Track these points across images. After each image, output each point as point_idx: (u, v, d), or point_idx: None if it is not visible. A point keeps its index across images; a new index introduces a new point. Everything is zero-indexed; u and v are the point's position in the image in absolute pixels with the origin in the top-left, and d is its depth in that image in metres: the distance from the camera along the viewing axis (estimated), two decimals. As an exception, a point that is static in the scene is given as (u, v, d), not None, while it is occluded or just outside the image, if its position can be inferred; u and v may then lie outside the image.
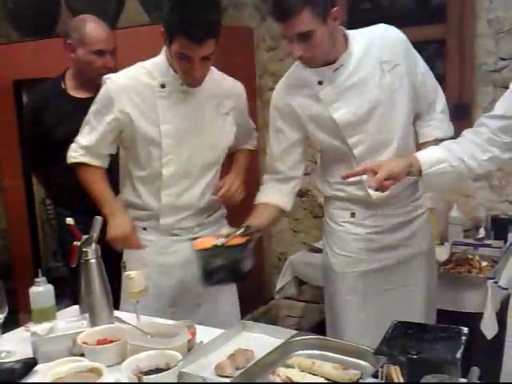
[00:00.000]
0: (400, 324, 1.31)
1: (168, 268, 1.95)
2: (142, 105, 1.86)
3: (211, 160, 1.96)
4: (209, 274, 1.68)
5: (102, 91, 1.91)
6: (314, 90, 1.78)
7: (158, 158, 1.88)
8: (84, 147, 1.93)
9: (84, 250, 1.67)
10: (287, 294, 2.61)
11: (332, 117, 1.76)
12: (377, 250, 1.85)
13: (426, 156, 1.61)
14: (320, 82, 1.76)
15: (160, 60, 1.86)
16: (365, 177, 1.61)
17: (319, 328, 3.03)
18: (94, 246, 1.68)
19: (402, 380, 1.05)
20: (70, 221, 1.70)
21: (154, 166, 1.90)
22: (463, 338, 1.23)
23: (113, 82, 1.88)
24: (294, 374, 1.26)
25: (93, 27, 2.34)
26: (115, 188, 2.02)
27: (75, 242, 1.69)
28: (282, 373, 1.27)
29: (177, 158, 1.88)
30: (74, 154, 1.95)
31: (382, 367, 1.08)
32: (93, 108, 1.93)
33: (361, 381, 1.11)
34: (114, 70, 2.09)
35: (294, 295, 2.72)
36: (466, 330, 1.25)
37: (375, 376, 1.11)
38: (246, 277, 1.73)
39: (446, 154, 1.60)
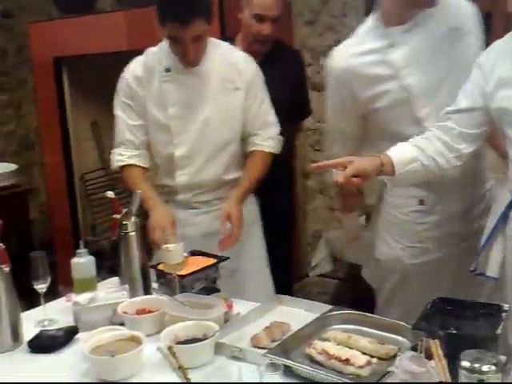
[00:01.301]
0: (439, 300, 1.30)
1: (188, 240, 1.93)
2: (152, 90, 1.91)
3: (224, 137, 1.93)
4: None
5: (121, 83, 1.98)
6: (383, 55, 1.69)
7: (169, 141, 1.92)
8: (124, 144, 1.98)
9: (124, 223, 1.71)
10: (322, 271, 2.61)
11: (403, 84, 1.67)
12: (448, 236, 1.79)
13: (398, 156, 1.56)
14: (391, 45, 1.67)
15: (164, 44, 1.89)
16: (335, 170, 1.55)
17: (352, 306, 3.03)
18: (133, 219, 1.71)
19: (441, 354, 1.04)
20: (110, 194, 1.73)
21: (165, 150, 1.95)
22: (503, 314, 1.21)
23: (129, 71, 1.96)
24: (330, 347, 1.26)
25: None
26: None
27: (115, 216, 1.73)
28: (319, 346, 1.28)
29: (187, 138, 1.91)
30: (119, 158, 2.00)
31: (421, 341, 1.07)
32: (116, 102, 2.00)
33: (399, 355, 1.10)
34: (271, 38, 2.11)
35: (329, 272, 2.71)
36: (506, 306, 1.22)
37: (414, 350, 1.10)
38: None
39: (417, 153, 1.57)
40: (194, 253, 1.80)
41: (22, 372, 1.38)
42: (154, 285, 1.77)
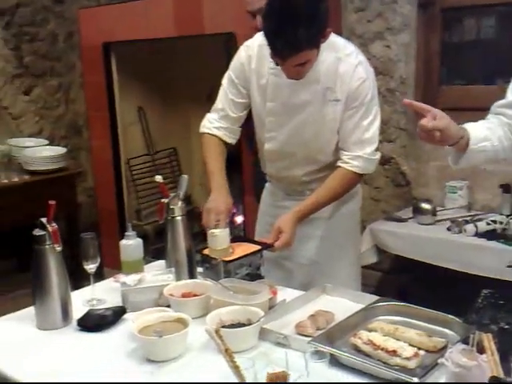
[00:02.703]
0: (490, 294, 1.26)
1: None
2: (259, 75, 1.84)
3: (315, 146, 1.85)
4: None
5: (235, 56, 1.91)
6: None
7: (262, 129, 1.90)
8: (220, 115, 1.93)
9: (171, 207, 1.73)
10: (365, 263, 2.57)
11: None
12: None
13: (474, 131, 1.52)
14: None
15: None
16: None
17: (396, 297, 2.99)
18: (180, 203, 1.73)
19: (494, 348, 1.02)
20: (158, 178, 1.75)
21: (260, 138, 1.94)
22: (561, 312, 1.17)
23: (245, 47, 1.88)
24: (377, 338, 1.25)
25: None
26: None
27: (163, 200, 1.75)
28: (364, 336, 1.27)
29: (278, 136, 1.87)
30: (208, 125, 1.95)
31: (473, 334, 1.05)
32: (227, 73, 1.93)
33: (450, 347, 1.08)
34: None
35: (372, 264, 2.68)
36: None
37: (465, 343, 1.08)
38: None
39: (489, 133, 1.53)
40: (239, 239, 1.81)
41: (70, 349, 1.43)
42: (199, 269, 1.79)
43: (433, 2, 2.95)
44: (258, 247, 1.74)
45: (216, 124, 1.94)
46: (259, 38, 1.82)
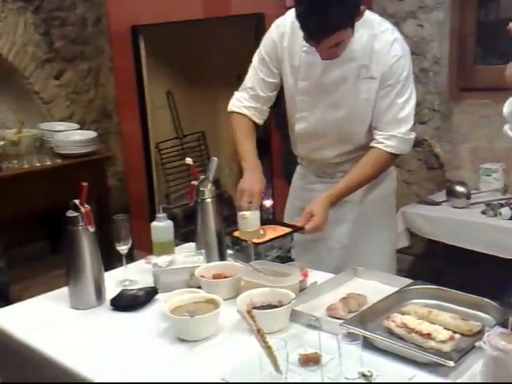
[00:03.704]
0: (529, 278, 1.23)
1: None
2: (292, 54, 1.81)
3: (349, 127, 1.81)
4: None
5: (267, 34, 1.88)
6: None
7: (294, 109, 1.88)
8: (249, 93, 1.91)
9: (201, 189, 1.73)
10: (397, 246, 2.54)
11: None
12: None
13: None
14: None
15: None
16: None
17: (429, 282, 2.96)
18: (210, 186, 1.73)
19: (533, 333, 0.99)
20: (189, 161, 1.75)
21: (291, 118, 1.91)
22: None
23: (277, 25, 1.85)
24: (411, 321, 1.23)
25: None
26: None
27: (193, 182, 1.75)
28: (398, 319, 1.25)
29: (310, 116, 1.84)
30: (237, 104, 1.93)
31: (511, 316, 1.02)
32: (257, 51, 1.91)
33: (487, 330, 1.06)
34: None
35: (404, 248, 2.64)
36: None
37: (503, 326, 1.05)
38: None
39: None
40: (270, 222, 1.80)
41: (104, 329, 1.45)
42: (229, 252, 1.79)
43: (468, -21, 2.86)
44: (289, 230, 1.73)
45: (245, 103, 1.92)
46: (291, 15, 1.78)
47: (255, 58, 1.92)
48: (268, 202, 3.64)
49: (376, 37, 1.73)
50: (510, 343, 1.00)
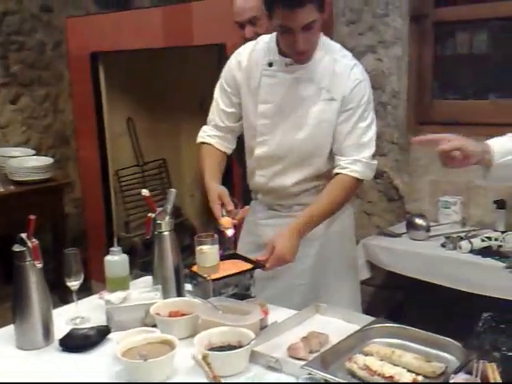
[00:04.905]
0: (491, 317, 1.22)
1: (263, 240, 1.89)
2: (251, 80, 1.83)
3: (309, 149, 1.79)
4: None
5: (226, 66, 1.91)
6: None
7: (253, 136, 1.86)
8: (211, 125, 1.94)
9: (158, 222, 1.67)
10: (359, 278, 2.53)
11: None
12: None
13: (498, 146, 1.49)
14: None
15: (273, 37, 1.81)
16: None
17: (389, 314, 2.95)
18: (167, 218, 1.67)
19: (498, 379, 0.96)
20: (145, 192, 1.70)
21: (250, 144, 1.89)
22: None
23: (235, 55, 1.89)
24: (373, 363, 1.20)
25: None
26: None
27: (150, 214, 1.69)
28: (360, 360, 1.21)
29: (271, 139, 1.82)
30: (202, 134, 1.96)
31: (476, 363, 0.99)
32: (218, 82, 1.93)
33: (452, 376, 1.03)
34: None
35: (365, 280, 2.63)
36: None
37: (468, 372, 1.02)
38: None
39: None
40: (231, 256, 1.75)
41: (52, 371, 1.36)
42: (188, 286, 1.73)
43: (425, 16, 2.93)
44: (249, 266, 1.68)
45: (209, 133, 1.94)
46: (250, 45, 1.85)
47: (216, 89, 1.94)
48: (230, 232, 3.61)
49: (336, 61, 1.76)
50: (474, 388, 0.98)
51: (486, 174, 1.52)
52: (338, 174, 1.77)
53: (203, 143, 1.95)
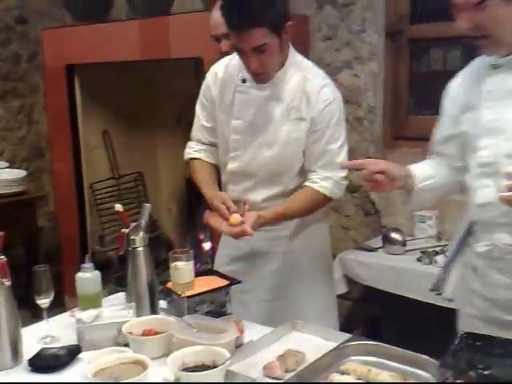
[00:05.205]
0: (467, 335, 1.21)
1: (232, 256, 1.93)
2: (225, 96, 1.84)
3: (278, 167, 1.80)
4: None
5: (204, 80, 1.92)
6: None
7: (227, 150, 1.86)
8: (195, 140, 1.97)
9: (132, 237, 1.64)
10: (335, 293, 2.52)
11: None
12: None
13: (419, 170, 1.57)
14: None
15: None
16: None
17: (366, 327, 2.95)
18: (141, 233, 1.64)
19: (474, 399, 0.96)
20: (118, 207, 1.67)
21: (223, 159, 1.89)
22: (540, 355, 1.12)
23: (212, 70, 1.90)
24: (350, 382, 1.18)
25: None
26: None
27: (123, 230, 1.66)
28: (337, 379, 1.19)
29: (242, 155, 1.82)
30: (188, 150, 1.98)
31: (452, 381, 0.99)
32: (198, 99, 1.94)
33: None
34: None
35: (342, 293, 2.62)
36: (542, 346, 1.14)
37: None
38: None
39: (434, 171, 1.59)
40: (207, 272, 1.73)
41: (20, 393, 1.32)
42: (163, 303, 1.70)
43: (400, 32, 2.97)
44: (225, 282, 1.66)
45: (195, 148, 1.97)
46: (226, 60, 1.87)
47: (197, 105, 1.95)
48: (207, 245, 3.57)
49: (307, 79, 1.76)
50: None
51: (408, 198, 1.58)
52: (307, 186, 1.79)
53: (192, 159, 1.96)
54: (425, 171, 1.57)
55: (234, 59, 1.84)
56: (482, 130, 1.46)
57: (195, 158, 1.96)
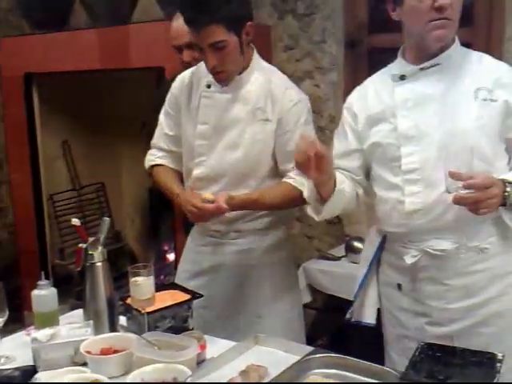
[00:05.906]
0: (427, 346, 1.22)
1: (196, 268, 1.91)
2: (191, 102, 1.84)
3: (245, 169, 1.78)
4: None
5: (171, 88, 1.92)
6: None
7: (192, 157, 1.85)
8: (156, 148, 1.97)
9: (90, 252, 1.60)
10: (301, 303, 2.52)
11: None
12: None
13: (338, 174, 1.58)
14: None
15: None
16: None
17: (331, 336, 2.95)
18: (100, 248, 1.60)
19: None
20: (75, 222, 1.62)
21: (188, 166, 1.88)
22: (498, 364, 1.13)
23: (178, 78, 1.91)
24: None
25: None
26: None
27: (81, 245, 1.62)
28: (299, 394, 1.18)
29: (208, 160, 1.81)
30: (150, 158, 1.98)
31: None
32: (163, 107, 1.94)
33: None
34: (195, 64, 1.99)
35: (307, 303, 2.62)
36: (500, 355, 1.15)
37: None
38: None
39: (344, 177, 1.62)
40: (168, 287, 1.70)
41: (-30, 419, 1.26)
42: (123, 319, 1.65)
43: (360, 42, 3.01)
44: (187, 297, 1.63)
45: (157, 155, 1.97)
46: (193, 68, 1.89)
47: (161, 113, 1.95)
48: (171, 256, 3.53)
49: (271, 82, 1.77)
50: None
51: (321, 206, 1.56)
52: (282, 181, 1.78)
53: (154, 166, 1.96)
54: (338, 175, 1.58)
55: (201, 66, 1.83)
56: (400, 138, 1.49)
57: (158, 165, 1.95)
